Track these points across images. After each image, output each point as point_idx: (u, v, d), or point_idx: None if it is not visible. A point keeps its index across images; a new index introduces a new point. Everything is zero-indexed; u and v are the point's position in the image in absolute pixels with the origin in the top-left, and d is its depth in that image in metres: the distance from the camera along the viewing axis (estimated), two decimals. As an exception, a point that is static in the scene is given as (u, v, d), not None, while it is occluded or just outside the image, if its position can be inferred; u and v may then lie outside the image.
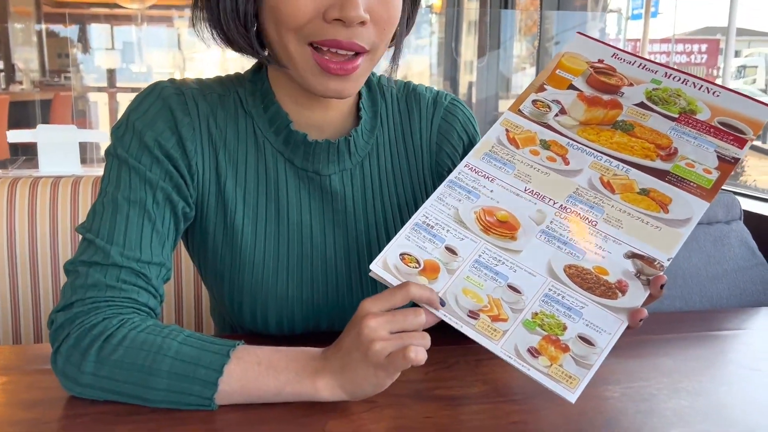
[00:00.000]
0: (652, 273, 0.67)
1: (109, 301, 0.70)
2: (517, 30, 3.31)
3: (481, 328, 0.65)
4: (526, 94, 0.82)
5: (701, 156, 0.73)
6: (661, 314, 1.07)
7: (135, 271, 0.72)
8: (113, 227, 0.72)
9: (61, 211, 1.17)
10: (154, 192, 0.74)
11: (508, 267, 0.69)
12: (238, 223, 0.80)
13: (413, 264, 0.69)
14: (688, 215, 0.69)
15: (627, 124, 0.76)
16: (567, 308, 0.66)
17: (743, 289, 1.15)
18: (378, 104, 0.86)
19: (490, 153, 0.77)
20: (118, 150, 0.75)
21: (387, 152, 0.86)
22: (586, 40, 0.84)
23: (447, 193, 0.75)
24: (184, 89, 0.78)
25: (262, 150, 0.80)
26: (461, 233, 0.72)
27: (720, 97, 0.76)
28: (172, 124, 0.76)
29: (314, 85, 0.72)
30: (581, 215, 0.71)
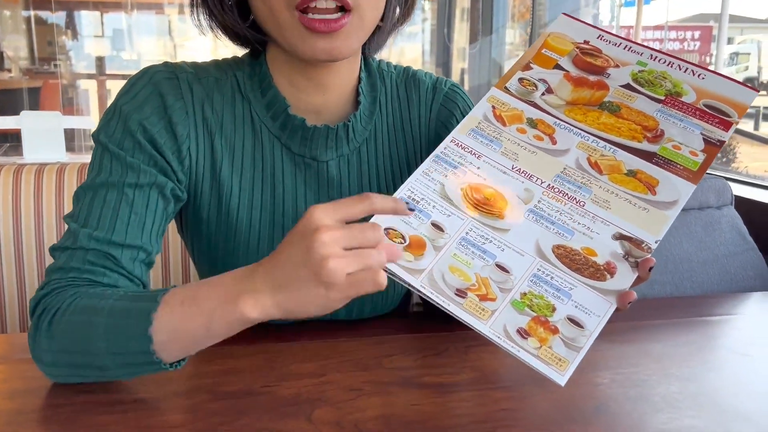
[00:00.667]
0: (640, 255, 0.66)
1: (71, 282, 0.69)
2: (509, 17, 3.29)
3: (469, 308, 0.64)
4: (512, 71, 0.81)
5: (687, 138, 0.73)
6: (652, 300, 1.07)
7: (102, 253, 0.70)
8: (89, 211, 0.72)
9: (45, 198, 1.15)
10: (137, 175, 0.73)
11: (496, 246, 0.68)
12: (233, 209, 0.79)
13: (398, 239, 0.68)
14: (675, 197, 0.69)
15: (613, 105, 0.76)
16: (556, 289, 0.65)
17: (734, 274, 1.15)
18: (377, 89, 0.85)
19: (476, 129, 0.76)
20: (101, 136, 0.74)
21: (385, 138, 0.85)
22: (571, 21, 0.83)
23: (433, 168, 0.74)
24: (178, 73, 0.77)
25: (259, 135, 0.79)
26: (448, 209, 0.70)
27: (705, 79, 0.76)
28: (161, 109, 0.74)
29: (303, 48, 0.71)
30: (569, 195, 0.71)
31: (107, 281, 0.70)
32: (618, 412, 0.65)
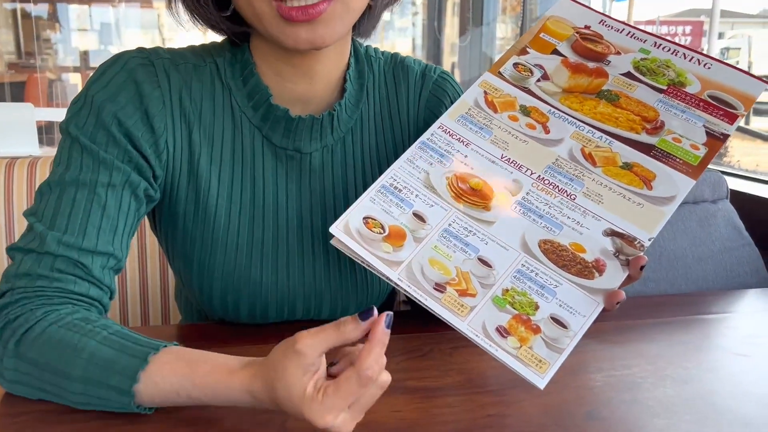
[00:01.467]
0: (632, 253, 0.62)
1: (38, 291, 0.64)
2: (500, 10, 3.26)
3: (447, 303, 0.61)
4: (507, 56, 0.77)
5: (689, 131, 0.69)
6: (646, 297, 1.04)
7: (72, 261, 0.65)
8: (57, 211, 0.66)
9: (16, 193, 1.11)
10: (110, 173, 0.68)
11: (480, 239, 0.64)
12: (212, 204, 0.74)
13: (377, 229, 0.64)
14: (673, 193, 0.65)
15: (612, 94, 0.72)
16: (540, 286, 0.61)
17: (730, 270, 1.12)
18: (365, 76, 0.81)
19: (466, 115, 0.73)
20: (71, 126, 0.69)
21: (371, 127, 0.81)
22: (572, 4, 0.79)
23: (418, 155, 0.70)
24: (153, 59, 0.72)
25: (239, 126, 0.75)
26: (431, 199, 0.67)
27: (711, 69, 0.72)
28: (137, 99, 0.69)
29: (284, 38, 0.66)
30: (560, 187, 0.67)
31: (77, 289, 0.66)
32: (611, 418, 0.62)
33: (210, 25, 0.74)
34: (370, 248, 0.63)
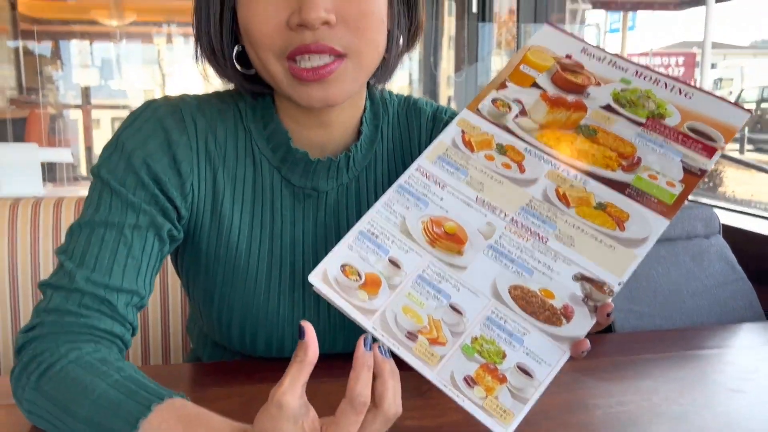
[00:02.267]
0: (600, 298, 0.62)
1: (66, 327, 0.67)
2: (495, 44, 3.32)
3: (419, 352, 0.61)
4: (486, 91, 0.76)
5: (666, 166, 0.68)
6: (642, 333, 1.05)
7: (99, 298, 0.68)
8: (86, 250, 0.70)
9: (20, 234, 1.12)
10: (137, 215, 0.71)
11: (452, 285, 0.65)
12: (233, 241, 0.77)
13: (354, 277, 0.65)
14: (646, 234, 0.64)
15: (590, 129, 0.71)
16: (508, 334, 0.62)
17: (724, 304, 1.13)
18: (380, 117, 0.83)
19: (443, 156, 0.73)
20: (102, 171, 0.73)
21: (384, 166, 0.83)
22: (554, 32, 0.79)
23: (395, 200, 0.70)
24: (181, 106, 0.75)
25: (260, 167, 0.78)
26: (406, 244, 0.67)
27: (692, 99, 0.71)
28: (165, 145, 0.73)
29: (297, 97, 0.70)
30: (532, 230, 0.67)
31: (102, 326, 0.68)
32: (607, 456, 0.63)
33: (230, 82, 0.77)
34: (346, 296, 0.64)
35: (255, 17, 0.67)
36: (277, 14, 0.66)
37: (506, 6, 3.15)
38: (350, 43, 0.68)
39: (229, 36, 0.72)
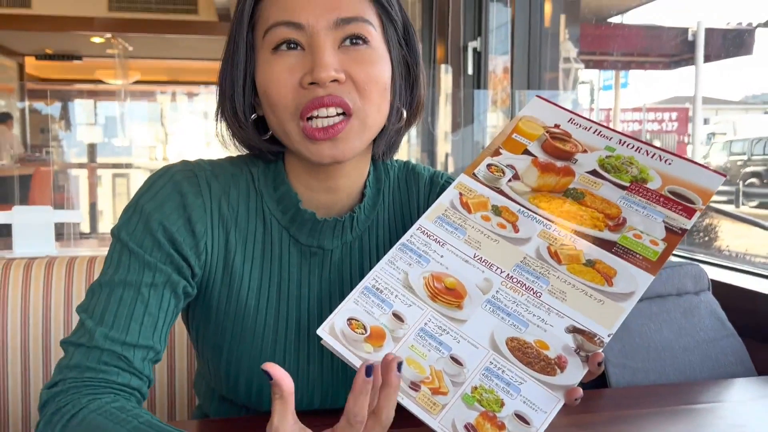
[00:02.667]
0: (592, 349, 0.66)
1: (87, 381, 0.72)
2: (491, 102, 3.41)
3: (422, 401, 0.65)
4: (481, 157, 0.82)
5: (649, 226, 0.72)
6: (636, 388, 1.07)
7: (117, 354, 0.73)
8: (105, 309, 0.74)
9: (33, 293, 1.16)
10: (153, 274, 0.76)
11: (452, 337, 0.69)
12: (243, 297, 0.82)
13: (360, 330, 0.69)
14: (632, 289, 0.69)
15: (578, 192, 0.76)
16: (506, 383, 0.65)
17: (715, 359, 1.16)
18: (382, 181, 0.89)
19: (442, 216, 0.78)
20: (122, 233, 0.78)
21: (386, 227, 0.88)
22: (544, 104, 0.84)
23: (398, 257, 0.75)
24: (197, 171, 0.81)
25: (269, 227, 0.83)
26: (409, 299, 0.72)
27: (672, 165, 0.76)
28: (181, 207, 0.78)
29: (309, 155, 0.76)
30: (527, 285, 0.71)
31: (120, 380, 0.73)
32: None
33: (248, 146, 0.83)
34: (353, 348, 0.68)
35: (272, 80, 0.74)
36: (292, 76, 0.74)
37: (501, 65, 3.25)
38: (356, 102, 0.75)
39: (250, 102, 0.79)
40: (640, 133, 11.21)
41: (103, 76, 8.73)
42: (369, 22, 0.76)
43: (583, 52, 5.70)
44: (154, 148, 6.33)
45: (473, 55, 3.08)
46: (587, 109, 8.07)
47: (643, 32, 6.79)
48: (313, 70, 0.72)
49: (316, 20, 0.73)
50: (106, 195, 5.94)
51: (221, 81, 0.80)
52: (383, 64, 0.77)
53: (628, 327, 1.14)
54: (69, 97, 6.56)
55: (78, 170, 5.83)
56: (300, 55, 0.74)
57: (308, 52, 0.74)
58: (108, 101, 6.85)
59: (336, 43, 0.74)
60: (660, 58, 6.92)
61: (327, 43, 0.73)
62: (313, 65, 0.72)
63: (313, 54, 0.73)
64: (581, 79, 7.07)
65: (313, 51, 0.73)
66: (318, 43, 0.73)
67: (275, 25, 0.74)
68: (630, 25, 6.82)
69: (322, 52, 0.72)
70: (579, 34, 5.14)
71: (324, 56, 0.72)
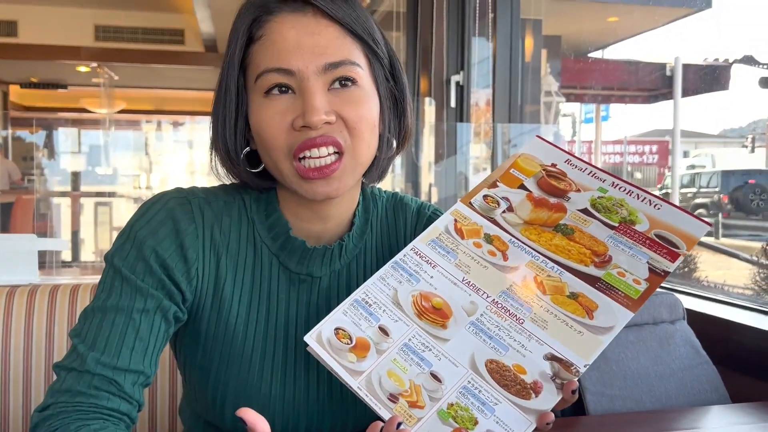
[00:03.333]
0: (567, 377, 0.68)
1: (77, 406, 0.72)
2: (474, 134, 3.47)
3: (398, 413, 0.66)
4: (479, 188, 0.85)
5: (633, 266, 0.75)
6: (613, 415, 1.09)
7: (108, 379, 0.74)
8: (97, 334, 0.75)
9: (15, 321, 1.16)
10: (145, 300, 0.77)
11: (434, 354, 0.71)
12: (231, 322, 0.83)
13: (345, 340, 0.72)
14: (612, 323, 0.71)
15: (568, 228, 0.79)
16: (482, 403, 0.67)
17: (690, 387, 1.18)
18: (370, 211, 0.91)
19: (436, 240, 0.81)
20: (115, 259, 0.79)
21: (373, 255, 0.90)
22: (542, 144, 0.88)
23: (390, 274, 0.78)
24: (190, 198, 0.83)
25: (260, 254, 0.84)
26: (396, 315, 0.74)
27: (660, 210, 0.78)
28: (174, 233, 0.79)
29: (303, 192, 0.78)
30: (510, 312, 0.73)
31: (110, 405, 0.74)
32: None
33: (241, 179, 0.85)
34: (337, 357, 0.70)
35: (265, 123, 0.77)
36: (284, 119, 0.76)
37: (483, 98, 3.31)
38: (347, 140, 0.77)
39: (242, 139, 0.82)
40: (622, 165, 11.37)
41: (89, 104, 8.73)
42: (356, 63, 0.78)
43: (565, 86, 5.82)
44: (138, 176, 6.32)
45: (456, 88, 3.14)
46: (569, 141, 8.20)
47: (622, 67, 6.95)
48: (305, 114, 0.75)
49: (305, 66, 0.76)
50: (88, 223, 5.91)
51: (214, 120, 0.83)
52: (372, 101, 0.80)
53: (605, 355, 1.16)
54: (53, 125, 6.56)
55: (60, 198, 5.80)
56: (291, 98, 0.77)
57: (299, 96, 0.76)
58: (93, 130, 6.86)
59: (326, 86, 0.77)
60: (639, 92, 7.07)
61: (317, 88, 0.76)
62: (304, 109, 0.75)
63: (303, 98, 0.75)
64: (563, 112, 7.21)
65: (304, 95, 0.75)
66: (308, 88, 0.75)
67: (266, 72, 0.76)
68: (609, 60, 6.98)
69: (313, 96, 0.75)
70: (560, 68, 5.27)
71: (315, 101, 0.75)
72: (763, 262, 2.68)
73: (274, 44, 0.77)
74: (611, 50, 6.52)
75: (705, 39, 6.43)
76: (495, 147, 2.98)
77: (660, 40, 6.61)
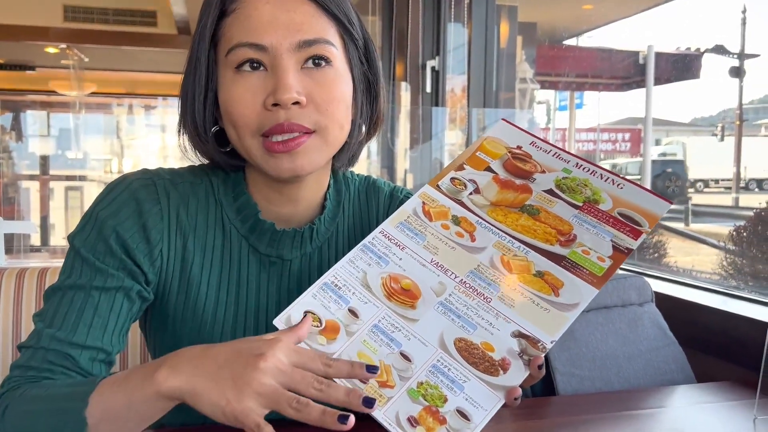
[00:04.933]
0: (534, 354, 0.70)
1: (29, 379, 0.72)
2: (449, 120, 3.47)
3: (368, 393, 0.67)
4: (446, 171, 0.86)
5: (597, 244, 0.76)
6: (582, 395, 1.11)
7: (62, 354, 0.73)
8: (55, 312, 0.75)
9: (-19, 304, 1.14)
10: (105, 279, 0.76)
11: (404, 335, 0.72)
12: (200, 305, 0.82)
13: (315, 323, 0.72)
14: (577, 300, 0.73)
15: (534, 208, 0.80)
16: (451, 381, 0.68)
17: (657, 368, 1.20)
18: (342, 194, 0.91)
19: (405, 222, 0.81)
20: (76, 240, 0.78)
21: (345, 238, 0.90)
22: (508, 127, 0.89)
23: (359, 257, 0.78)
24: (155, 179, 0.81)
25: (229, 236, 0.84)
26: (366, 297, 0.75)
27: (623, 189, 0.80)
28: (137, 214, 0.78)
29: (269, 168, 0.77)
30: (478, 291, 0.75)
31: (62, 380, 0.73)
32: None
33: (209, 158, 0.84)
34: (307, 340, 0.71)
35: (234, 101, 0.76)
36: (254, 98, 0.75)
37: (459, 84, 3.31)
38: (318, 121, 0.76)
39: (211, 116, 0.80)
40: (595, 152, 11.48)
41: (58, 87, 8.53)
42: (331, 43, 0.78)
43: (539, 73, 5.85)
44: (109, 161, 6.22)
45: (431, 73, 3.13)
46: (543, 128, 8.25)
47: (596, 55, 6.99)
48: (276, 91, 0.74)
49: (279, 42, 0.74)
50: (58, 208, 5.81)
51: (183, 95, 0.81)
52: (345, 83, 0.79)
53: (575, 337, 1.18)
54: (21, 107, 6.41)
55: (29, 182, 5.69)
56: (262, 75, 0.75)
57: (271, 73, 0.75)
58: (62, 113, 6.72)
59: (299, 64, 0.76)
60: (612, 80, 7.13)
61: (290, 65, 0.75)
62: (275, 86, 0.74)
63: (275, 76, 0.74)
64: (537, 99, 7.24)
65: (276, 73, 0.74)
66: (281, 65, 0.74)
67: (238, 46, 0.75)
68: (584, 47, 7.02)
69: (285, 74, 0.74)
70: (535, 55, 5.28)
71: (287, 78, 0.74)
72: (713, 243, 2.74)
73: (248, 18, 0.75)
74: (585, 38, 6.56)
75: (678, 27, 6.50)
76: (470, 133, 2.98)
77: (634, 28, 6.67)
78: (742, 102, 7.05)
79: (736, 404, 0.98)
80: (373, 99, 0.86)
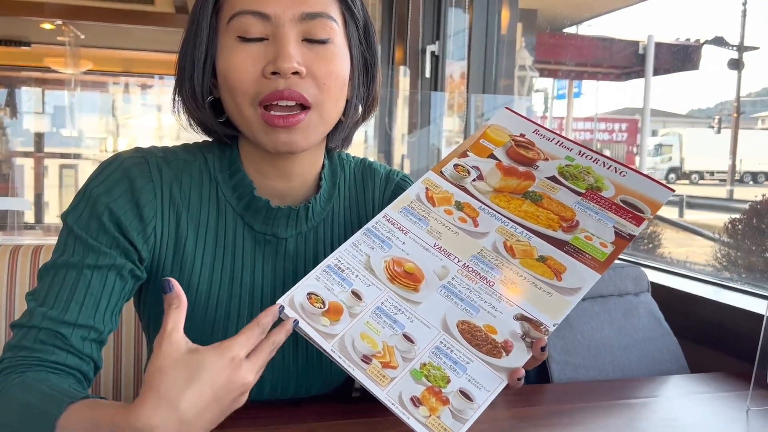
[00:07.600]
0: (537, 336, 0.70)
1: (20, 360, 0.72)
2: (447, 107, 3.46)
3: (371, 373, 0.68)
4: (449, 157, 0.87)
5: (600, 230, 0.77)
6: (577, 384, 1.11)
7: (53, 332, 0.73)
8: (48, 291, 0.75)
9: (-26, 281, 1.13)
10: (97, 257, 0.76)
11: (407, 317, 0.72)
12: (194, 282, 0.82)
13: (318, 304, 0.72)
14: (579, 285, 0.73)
15: (537, 195, 0.81)
16: (453, 362, 0.69)
17: (652, 357, 1.21)
18: (337, 175, 0.91)
19: (408, 207, 0.82)
20: (69, 218, 0.78)
21: (341, 219, 0.90)
22: (511, 115, 0.90)
23: (362, 240, 0.79)
24: (148, 157, 0.81)
25: (224, 213, 0.83)
26: (369, 279, 0.75)
27: (626, 177, 0.81)
28: (130, 192, 0.78)
29: (266, 142, 0.77)
30: (481, 275, 0.75)
31: (55, 359, 0.72)
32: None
33: (204, 127, 0.84)
34: (310, 321, 0.71)
35: (233, 67, 0.75)
36: (254, 65, 0.75)
37: (458, 70, 3.30)
38: (316, 96, 0.76)
39: (209, 82, 0.80)
40: (592, 142, 11.51)
41: (53, 63, 8.45)
42: (333, 18, 0.77)
43: (539, 60, 5.83)
44: (104, 139, 6.18)
45: (431, 58, 3.11)
46: (541, 116, 8.24)
47: (596, 43, 6.97)
48: (276, 60, 0.73)
49: (282, 12, 0.75)
50: (53, 186, 5.78)
51: (181, 60, 0.81)
52: (343, 60, 0.79)
53: (570, 325, 1.18)
54: (15, 83, 6.35)
55: (24, 159, 5.65)
56: (264, 45, 0.75)
57: (272, 43, 0.75)
58: (57, 90, 6.66)
59: (299, 37, 0.76)
60: (612, 69, 7.12)
61: (291, 36, 0.75)
62: (276, 55, 0.74)
63: (277, 45, 0.74)
64: (536, 87, 7.23)
65: (278, 42, 0.74)
66: (283, 35, 0.74)
67: (241, 13, 0.75)
68: (584, 36, 7.00)
69: (287, 43, 0.74)
70: (535, 42, 5.25)
71: (288, 48, 0.74)
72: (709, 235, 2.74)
73: None
74: (586, 26, 6.54)
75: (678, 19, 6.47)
76: (468, 119, 2.97)
77: (634, 18, 6.63)
78: (740, 95, 7.05)
79: (730, 395, 0.99)
80: (370, 80, 0.86)
